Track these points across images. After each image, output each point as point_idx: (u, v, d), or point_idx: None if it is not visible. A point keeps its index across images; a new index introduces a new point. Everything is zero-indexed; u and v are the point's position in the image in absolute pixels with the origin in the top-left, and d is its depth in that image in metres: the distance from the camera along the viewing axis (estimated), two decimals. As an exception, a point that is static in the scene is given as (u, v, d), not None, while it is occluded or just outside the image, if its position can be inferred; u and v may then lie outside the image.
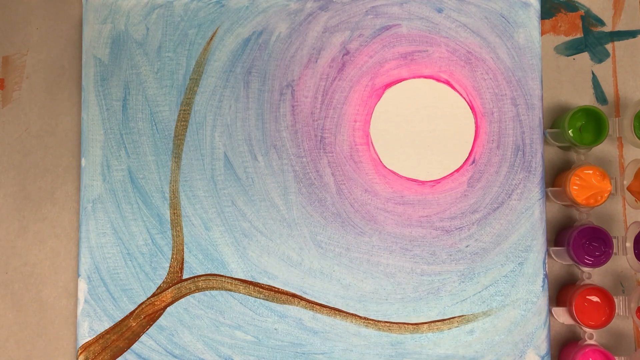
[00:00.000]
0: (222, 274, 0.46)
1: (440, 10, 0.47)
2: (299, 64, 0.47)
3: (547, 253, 0.46)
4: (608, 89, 0.49)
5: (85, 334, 0.46)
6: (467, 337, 0.45)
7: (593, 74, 0.49)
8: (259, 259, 0.46)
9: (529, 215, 0.46)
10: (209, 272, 0.46)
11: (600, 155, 0.48)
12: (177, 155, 0.47)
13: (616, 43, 0.49)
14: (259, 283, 0.46)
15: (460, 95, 0.47)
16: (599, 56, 0.49)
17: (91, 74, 0.47)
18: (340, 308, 0.46)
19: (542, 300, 0.45)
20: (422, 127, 0.47)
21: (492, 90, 0.46)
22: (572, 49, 0.49)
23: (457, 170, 0.46)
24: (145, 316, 0.46)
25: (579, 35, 0.49)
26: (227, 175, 0.47)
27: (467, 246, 0.46)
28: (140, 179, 0.47)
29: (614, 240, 0.45)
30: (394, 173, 0.46)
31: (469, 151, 0.46)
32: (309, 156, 0.47)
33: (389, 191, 0.46)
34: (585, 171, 0.45)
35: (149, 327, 0.46)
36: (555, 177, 0.48)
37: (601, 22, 0.49)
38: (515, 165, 0.46)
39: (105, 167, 0.47)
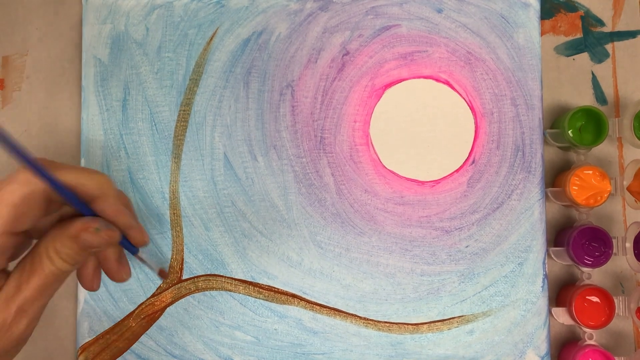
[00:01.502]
0: (222, 274, 0.46)
1: (440, 11, 0.47)
2: (299, 64, 0.47)
3: (547, 253, 0.46)
4: (608, 89, 0.49)
5: (85, 334, 0.46)
6: (467, 337, 0.45)
7: (593, 74, 0.49)
8: (259, 259, 0.46)
9: (528, 216, 0.46)
10: (208, 273, 0.46)
11: (600, 156, 0.48)
12: (177, 155, 0.47)
13: (616, 43, 0.49)
14: (258, 283, 0.46)
15: (460, 95, 0.47)
16: (599, 56, 0.49)
17: (91, 74, 0.47)
18: (340, 308, 0.46)
19: (542, 301, 0.45)
20: (422, 127, 0.47)
21: (492, 91, 0.46)
22: (572, 49, 0.49)
23: (457, 171, 0.46)
24: (145, 316, 0.46)
25: (579, 35, 0.49)
26: (227, 176, 0.47)
27: (467, 246, 0.46)
28: (140, 179, 0.47)
29: (614, 241, 0.45)
30: (394, 173, 0.46)
31: (468, 151, 0.46)
32: (308, 156, 0.47)
33: (389, 191, 0.46)
34: (585, 171, 0.45)
35: (149, 328, 0.46)
36: (555, 177, 0.48)
37: (601, 23, 0.49)
38: (515, 165, 0.46)
39: (105, 167, 0.47)
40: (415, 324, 0.45)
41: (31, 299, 0.34)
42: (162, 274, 0.42)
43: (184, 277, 0.46)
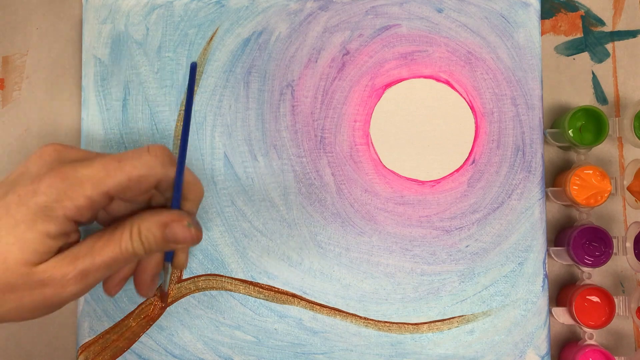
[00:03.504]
0: (222, 274, 0.46)
1: (440, 10, 0.47)
2: (299, 64, 0.47)
3: (547, 253, 0.46)
4: (608, 89, 0.49)
5: (85, 334, 0.46)
6: (467, 337, 0.45)
7: (593, 74, 0.49)
8: (259, 259, 0.46)
9: (529, 215, 0.46)
10: (209, 272, 0.46)
11: (600, 155, 0.48)
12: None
13: (616, 43, 0.49)
14: (259, 283, 0.46)
15: (460, 95, 0.47)
16: (599, 56, 0.49)
17: (91, 74, 0.47)
18: (340, 308, 0.46)
19: (542, 300, 0.45)
20: (422, 127, 0.47)
21: (492, 90, 0.46)
22: (572, 49, 0.49)
23: (457, 170, 0.46)
24: (145, 316, 0.46)
25: (579, 35, 0.49)
26: (227, 175, 0.47)
27: (467, 246, 0.46)
28: (140, 179, 0.46)
29: (614, 240, 0.45)
30: (394, 173, 0.46)
31: (469, 151, 0.46)
32: (309, 156, 0.47)
33: (389, 191, 0.46)
34: (585, 171, 0.45)
35: (149, 327, 0.46)
36: (555, 177, 0.48)
37: (601, 22, 0.49)
38: (515, 165, 0.46)
39: (105, 167, 0.47)
40: (416, 324, 0.45)
41: (97, 266, 0.35)
42: (163, 296, 0.45)
43: (184, 277, 0.46)
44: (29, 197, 0.33)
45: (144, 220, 0.36)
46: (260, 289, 0.46)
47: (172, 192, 0.38)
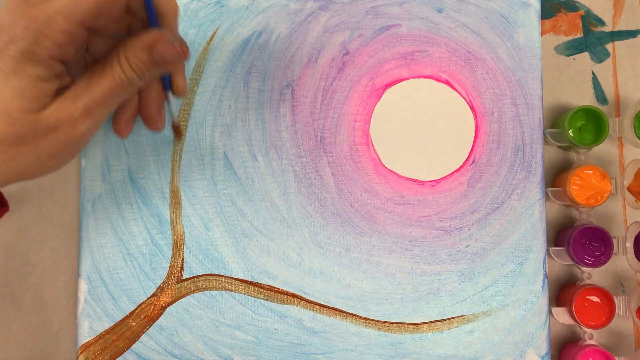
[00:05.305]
0: (222, 274, 0.46)
1: (440, 10, 0.47)
2: (299, 64, 0.47)
3: (547, 253, 0.46)
4: (608, 89, 0.49)
5: (85, 334, 0.46)
6: (467, 337, 0.45)
7: (593, 74, 0.49)
8: (259, 259, 0.46)
9: (529, 215, 0.46)
10: (209, 272, 0.46)
11: (601, 155, 0.48)
12: (177, 155, 0.47)
13: (616, 43, 0.49)
14: (259, 283, 0.46)
15: (460, 95, 0.47)
16: (599, 56, 0.49)
17: (91, 74, 0.47)
18: (340, 308, 0.46)
19: (542, 300, 0.45)
20: (422, 127, 0.47)
21: (492, 90, 0.46)
22: (572, 49, 0.49)
23: (457, 170, 0.46)
24: (145, 316, 0.46)
25: (579, 35, 0.49)
26: (227, 175, 0.47)
27: (467, 246, 0.46)
28: (140, 179, 0.47)
29: (614, 240, 0.45)
30: (394, 173, 0.46)
31: (469, 151, 0.46)
32: (309, 156, 0.47)
33: (389, 191, 0.46)
34: (585, 171, 0.45)
35: (149, 327, 0.46)
36: (555, 177, 0.48)
37: (601, 22, 0.49)
38: (515, 165, 0.46)
39: (105, 167, 0.47)
40: (416, 324, 0.45)
41: (98, 100, 0.36)
42: (176, 128, 0.45)
43: (184, 277, 0.46)
44: (10, 47, 0.33)
45: (128, 47, 0.36)
46: (260, 289, 0.46)
47: (146, 11, 0.37)
